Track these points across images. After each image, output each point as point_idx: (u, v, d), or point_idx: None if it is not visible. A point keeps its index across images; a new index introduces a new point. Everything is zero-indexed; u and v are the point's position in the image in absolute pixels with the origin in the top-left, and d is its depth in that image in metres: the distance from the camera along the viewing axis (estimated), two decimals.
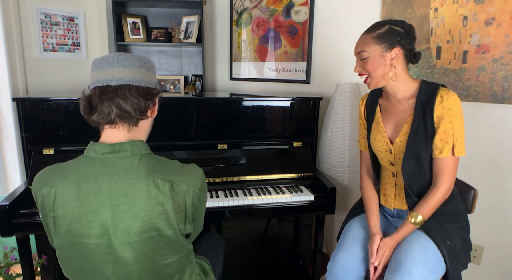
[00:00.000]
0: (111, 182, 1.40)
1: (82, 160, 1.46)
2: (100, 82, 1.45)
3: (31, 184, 2.54)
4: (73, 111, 2.72)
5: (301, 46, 3.72)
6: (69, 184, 1.40)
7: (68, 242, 1.44)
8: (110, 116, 1.44)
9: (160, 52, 4.49)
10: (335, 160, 3.17)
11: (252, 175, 2.85)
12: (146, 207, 1.41)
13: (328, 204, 2.71)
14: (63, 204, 1.40)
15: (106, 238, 1.41)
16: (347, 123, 3.09)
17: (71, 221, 1.40)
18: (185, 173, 1.51)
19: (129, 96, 1.44)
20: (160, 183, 1.42)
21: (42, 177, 1.46)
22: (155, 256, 1.47)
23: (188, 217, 1.52)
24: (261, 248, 3.38)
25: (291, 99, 3.06)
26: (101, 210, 1.39)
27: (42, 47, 3.70)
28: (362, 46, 2.04)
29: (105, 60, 1.48)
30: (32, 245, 2.56)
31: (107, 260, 1.44)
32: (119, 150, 1.45)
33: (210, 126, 2.93)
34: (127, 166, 1.43)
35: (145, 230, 1.42)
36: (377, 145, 2.19)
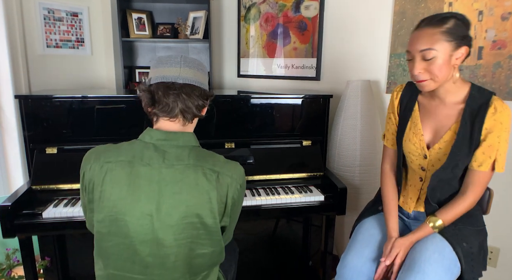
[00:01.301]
0: (162, 166, 1.53)
1: (137, 143, 1.60)
2: (166, 78, 1.60)
3: (33, 183, 2.57)
4: (77, 109, 2.74)
5: (311, 42, 3.73)
6: (123, 163, 1.54)
7: (110, 218, 1.53)
8: (174, 110, 1.60)
9: (166, 49, 4.50)
10: (345, 159, 3.18)
11: (260, 174, 2.86)
12: (192, 193, 1.52)
13: (339, 205, 2.71)
14: (114, 180, 1.52)
15: (149, 219, 1.51)
16: (358, 121, 3.10)
17: (118, 197, 1.51)
18: (230, 167, 1.62)
19: (192, 95, 1.61)
20: (208, 172, 1.55)
21: (96, 152, 1.61)
22: (192, 243, 1.56)
23: (227, 210, 1.62)
24: (270, 250, 3.39)
25: (300, 97, 3.07)
26: (148, 191, 1.51)
27: (45, 43, 3.73)
28: (429, 42, 1.81)
29: (173, 59, 1.65)
30: (35, 247, 2.58)
31: (145, 240, 1.53)
32: (172, 138, 1.60)
33: (218, 124, 2.95)
34: (178, 153, 1.57)
35: (188, 215, 1.52)
36: (411, 147, 2.11)
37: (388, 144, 2.32)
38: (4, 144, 3.36)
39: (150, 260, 1.55)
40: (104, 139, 2.69)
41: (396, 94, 2.23)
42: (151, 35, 4.25)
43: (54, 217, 2.39)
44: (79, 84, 4.03)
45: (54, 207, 2.45)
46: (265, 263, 3.39)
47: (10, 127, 3.33)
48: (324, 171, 2.99)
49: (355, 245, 2.15)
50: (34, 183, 2.58)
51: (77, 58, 4.03)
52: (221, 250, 1.67)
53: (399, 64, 3.15)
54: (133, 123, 2.75)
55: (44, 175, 2.59)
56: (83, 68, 4.07)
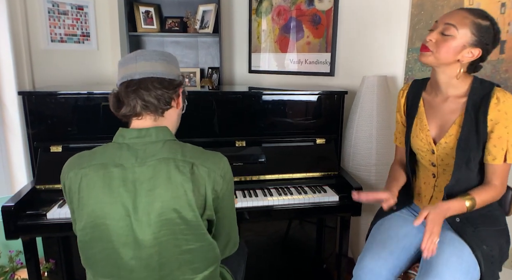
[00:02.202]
0: (134, 165, 1.53)
1: (111, 146, 1.61)
2: (125, 78, 1.61)
3: (38, 183, 2.58)
4: (83, 106, 2.75)
5: (325, 36, 3.71)
6: (96, 166, 1.54)
7: (90, 224, 1.53)
8: (136, 108, 1.60)
9: (174, 43, 4.51)
10: (361, 158, 3.17)
11: (272, 174, 2.86)
12: (166, 188, 1.51)
13: (354, 205, 2.71)
14: (89, 185, 1.52)
15: (127, 220, 1.51)
16: (374, 118, 3.09)
17: (96, 201, 1.51)
18: (206, 158, 1.61)
19: (152, 88, 1.59)
20: (180, 164, 1.54)
21: (71, 162, 1.60)
22: (175, 239, 1.56)
23: (208, 203, 1.59)
24: (282, 252, 3.39)
25: (314, 93, 3.06)
26: (124, 192, 1.51)
27: (49, 37, 3.74)
28: (457, 21, 1.87)
29: (129, 57, 1.65)
30: (39, 249, 2.58)
31: (127, 243, 1.53)
32: (145, 135, 1.59)
33: (228, 122, 2.95)
34: (151, 149, 1.56)
35: (165, 211, 1.51)
36: (419, 143, 2.16)
37: (397, 142, 2.42)
38: (7, 142, 3.37)
39: (133, 263, 1.55)
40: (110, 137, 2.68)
41: (402, 93, 2.31)
42: (159, 29, 4.26)
43: (59, 218, 2.40)
44: (84, 80, 4.04)
45: (59, 208, 2.46)
46: (277, 266, 3.39)
47: (14, 124, 3.34)
48: (339, 170, 2.99)
49: (372, 246, 2.14)
50: (38, 183, 2.59)
51: (83, 53, 4.04)
52: (210, 245, 1.65)
53: (416, 58, 3.12)
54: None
55: (49, 175, 2.60)
56: (89, 64, 4.09)
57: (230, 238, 1.82)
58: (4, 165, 3.38)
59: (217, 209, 1.65)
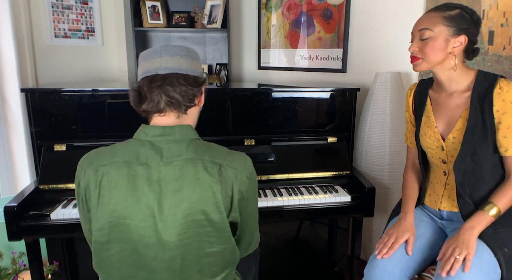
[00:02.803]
0: (160, 164, 1.53)
1: (132, 142, 1.61)
2: (148, 72, 1.61)
3: (41, 182, 2.58)
4: (87, 103, 2.75)
5: (337, 32, 3.70)
6: (118, 164, 1.54)
7: (109, 224, 1.53)
8: (160, 104, 1.60)
9: (181, 39, 4.51)
10: (374, 157, 3.16)
11: (282, 173, 2.86)
12: (193, 189, 1.52)
13: (367, 206, 2.71)
14: (110, 184, 1.52)
15: (152, 220, 1.51)
16: (387, 116, 3.08)
17: (118, 200, 1.51)
18: (233, 159, 1.62)
19: (177, 84, 1.59)
20: (208, 165, 1.55)
21: (89, 159, 1.60)
22: (200, 241, 1.56)
23: (234, 204, 1.61)
24: (292, 254, 3.39)
25: (325, 90, 3.06)
26: (149, 192, 1.51)
27: (53, 33, 3.75)
28: (428, 23, 1.97)
29: (153, 51, 1.66)
30: (43, 250, 2.59)
31: (149, 244, 1.53)
32: (169, 133, 1.60)
33: (237, 120, 2.95)
34: (176, 149, 1.56)
35: (192, 212, 1.52)
36: (427, 141, 2.17)
37: (408, 142, 2.43)
38: (10, 140, 3.38)
39: (155, 265, 1.56)
40: (116, 136, 2.70)
41: (410, 92, 2.34)
42: (166, 25, 4.25)
43: (63, 218, 2.40)
44: (89, 77, 4.05)
45: (63, 208, 2.46)
46: (287, 268, 3.38)
47: (16, 122, 3.35)
48: (351, 170, 2.98)
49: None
50: (41, 182, 2.59)
51: (87, 49, 4.05)
52: (232, 248, 1.66)
53: None
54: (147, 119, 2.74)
55: (52, 174, 2.60)
56: (94, 60, 4.10)
57: (253, 237, 1.84)
58: (7, 164, 3.38)
59: (241, 210, 1.66)
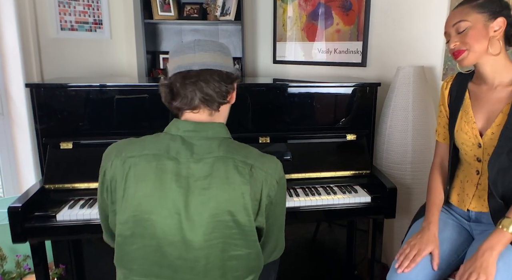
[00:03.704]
0: (190, 161, 1.55)
1: (163, 136, 1.63)
2: (182, 68, 1.62)
3: (46, 182, 2.60)
4: (95, 99, 2.76)
5: (356, 24, 3.69)
6: (148, 156, 1.56)
7: (134, 218, 1.55)
8: (194, 101, 1.61)
9: (193, 32, 4.51)
10: (395, 156, 3.14)
11: (298, 172, 2.85)
12: (222, 188, 1.54)
13: (388, 207, 2.70)
14: (138, 176, 1.55)
15: (177, 218, 1.53)
16: (410, 112, 3.06)
17: (144, 194, 1.53)
18: (264, 161, 1.63)
19: (212, 80, 1.60)
20: (240, 165, 1.56)
21: (118, 147, 1.63)
22: (225, 244, 1.57)
23: (261, 208, 1.61)
24: (310, 257, 3.38)
25: (344, 85, 3.05)
26: (176, 187, 1.53)
27: (59, 25, 3.76)
28: (460, 16, 1.96)
29: (186, 45, 1.66)
30: (48, 253, 2.60)
31: (174, 242, 1.55)
32: (201, 129, 1.62)
33: (251, 116, 2.95)
34: (208, 146, 1.59)
35: (219, 212, 1.54)
36: (463, 137, 2.13)
37: (440, 138, 2.37)
38: (14, 138, 3.40)
39: (179, 264, 1.57)
40: (124, 133, 2.70)
41: (446, 85, 2.29)
42: (177, 17, 4.25)
43: (69, 219, 2.41)
44: (96, 71, 4.07)
45: (69, 209, 2.47)
46: (304, 272, 3.38)
47: (21, 119, 3.37)
48: (371, 169, 2.98)
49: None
50: (47, 182, 2.60)
51: (95, 42, 4.06)
52: (257, 253, 1.66)
53: None
54: (157, 115, 2.75)
55: (59, 173, 2.61)
56: (101, 54, 4.11)
57: (278, 243, 1.85)
58: (11, 163, 3.41)
59: (268, 216, 1.67)
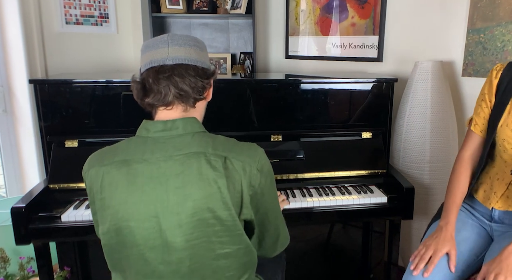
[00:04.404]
0: (160, 160, 1.53)
1: (134, 140, 1.63)
2: (154, 62, 1.61)
3: (51, 182, 2.60)
4: (101, 96, 2.77)
5: (372, 17, 3.68)
6: (118, 163, 1.55)
7: (114, 227, 1.55)
8: (168, 97, 1.60)
9: (203, 26, 4.51)
10: (413, 155, 3.13)
11: (312, 172, 2.84)
12: (197, 185, 1.52)
13: (405, 208, 2.68)
14: (111, 184, 1.54)
15: (155, 221, 1.52)
16: (428, 109, 3.05)
17: (119, 202, 1.53)
18: (240, 151, 1.62)
19: (187, 75, 1.60)
20: (212, 158, 1.54)
21: (92, 159, 1.64)
22: (209, 243, 1.56)
23: (245, 200, 1.60)
24: (323, 260, 3.38)
25: (359, 81, 3.04)
26: (149, 190, 1.52)
27: (63, 19, 3.77)
28: None
29: (159, 39, 1.66)
30: (53, 255, 2.60)
31: (155, 246, 1.54)
32: (171, 127, 1.60)
33: (262, 113, 2.95)
34: (178, 143, 1.57)
35: (197, 211, 1.52)
36: (508, 134, 2.06)
37: (476, 130, 2.24)
38: (18, 136, 3.41)
39: (162, 269, 1.56)
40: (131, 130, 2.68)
41: (496, 74, 2.16)
42: (186, 10, 4.25)
43: (74, 220, 2.41)
44: (102, 67, 4.08)
45: (74, 209, 2.48)
46: (318, 276, 3.38)
47: (24, 116, 3.38)
48: (387, 168, 2.97)
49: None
50: (51, 182, 2.61)
51: (101, 37, 4.07)
52: (247, 248, 1.66)
53: (478, 41, 3.07)
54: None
55: (63, 172, 2.62)
56: (108, 48, 4.12)
57: (280, 232, 1.83)
58: (14, 161, 3.42)
59: (258, 206, 1.66)
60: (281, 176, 2.79)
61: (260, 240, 1.76)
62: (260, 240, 1.76)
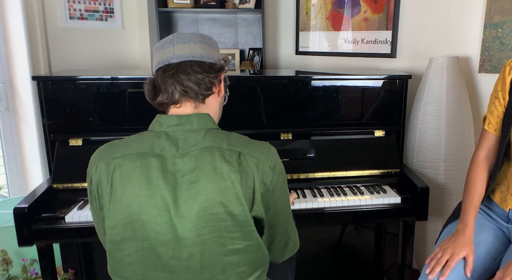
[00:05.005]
0: (175, 156, 1.56)
1: (147, 134, 1.65)
2: (161, 63, 1.66)
3: (55, 181, 2.61)
4: (106, 93, 2.77)
5: (385, 11, 3.67)
6: (132, 156, 1.57)
7: (123, 221, 1.56)
8: (174, 95, 1.64)
9: (210, 21, 4.51)
10: (427, 154, 3.13)
11: (323, 171, 2.84)
12: (211, 179, 1.54)
13: (419, 208, 2.68)
14: (123, 177, 1.56)
15: (167, 215, 1.54)
16: (443, 107, 3.04)
17: (132, 195, 1.54)
18: (254, 147, 1.64)
19: (191, 72, 1.63)
20: (226, 153, 1.57)
21: (101, 152, 1.65)
22: (220, 237, 1.57)
23: (256, 197, 1.61)
24: (335, 262, 3.38)
25: (372, 78, 3.04)
26: (163, 184, 1.54)
27: (67, 14, 3.77)
28: None
29: (165, 40, 1.71)
30: (57, 257, 2.61)
31: (166, 240, 1.55)
32: (185, 122, 1.63)
33: (272, 111, 2.94)
34: (193, 138, 1.59)
35: (210, 205, 1.54)
36: None
37: (490, 129, 2.22)
38: (20, 134, 3.42)
39: (174, 264, 1.57)
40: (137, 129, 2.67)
41: (509, 70, 2.11)
42: (193, 5, 4.24)
43: (79, 221, 2.42)
44: (108, 63, 4.09)
45: (79, 210, 2.48)
46: (329, 278, 3.38)
47: (27, 114, 3.39)
48: (401, 168, 2.96)
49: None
50: (55, 181, 2.62)
51: (106, 32, 4.08)
52: (258, 245, 1.66)
53: (495, 36, 3.05)
54: None
55: (67, 172, 2.62)
56: (113, 44, 4.13)
57: (289, 236, 1.83)
58: (17, 160, 3.43)
59: (268, 205, 1.66)
60: (291, 175, 2.79)
61: (269, 243, 1.76)
62: (269, 243, 1.76)
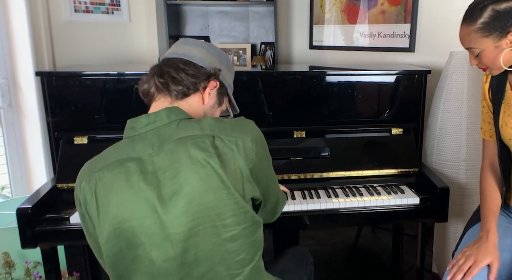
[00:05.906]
0: (152, 154, 1.56)
1: (122, 142, 1.66)
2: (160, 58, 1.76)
3: (59, 181, 2.62)
4: (112, 89, 2.78)
5: (404, 3, 3.66)
6: (110, 165, 1.56)
7: (114, 232, 1.54)
8: (151, 87, 1.72)
9: (221, 14, 4.51)
10: (447, 152, 3.12)
11: (337, 171, 2.84)
12: (191, 170, 1.53)
13: (439, 209, 2.67)
14: (106, 188, 1.54)
15: (155, 216, 1.53)
16: (464, 103, 3.03)
17: (117, 204, 1.53)
18: (229, 126, 1.65)
19: (174, 67, 1.69)
20: (199, 140, 1.56)
21: (82, 171, 1.64)
22: (214, 227, 1.56)
23: (245, 175, 1.61)
24: (350, 265, 3.38)
25: (389, 73, 3.04)
26: (144, 185, 1.53)
27: (72, 7, 3.79)
28: (467, 42, 1.99)
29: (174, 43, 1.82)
30: (61, 259, 2.61)
31: (158, 242, 1.54)
32: (155, 120, 1.64)
33: (284, 108, 2.95)
34: (165, 133, 1.61)
35: (195, 196, 1.53)
36: (510, 132, 2.12)
37: (486, 136, 2.36)
38: (24, 132, 3.44)
39: (167, 266, 1.56)
40: None
41: (486, 78, 2.29)
42: None
43: None
44: (114, 58, 4.09)
45: None
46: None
47: (31, 111, 3.40)
48: (420, 167, 2.96)
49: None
50: (59, 181, 2.63)
51: (112, 26, 4.09)
52: (253, 225, 1.65)
53: None
54: None
55: (72, 171, 2.58)
56: (119, 38, 4.14)
57: (279, 196, 1.90)
58: (20, 159, 3.44)
59: (259, 178, 1.68)
60: (305, 175, 2.79)
61: (262, 209, 1.80)
62: (262, 209, 1.80)
